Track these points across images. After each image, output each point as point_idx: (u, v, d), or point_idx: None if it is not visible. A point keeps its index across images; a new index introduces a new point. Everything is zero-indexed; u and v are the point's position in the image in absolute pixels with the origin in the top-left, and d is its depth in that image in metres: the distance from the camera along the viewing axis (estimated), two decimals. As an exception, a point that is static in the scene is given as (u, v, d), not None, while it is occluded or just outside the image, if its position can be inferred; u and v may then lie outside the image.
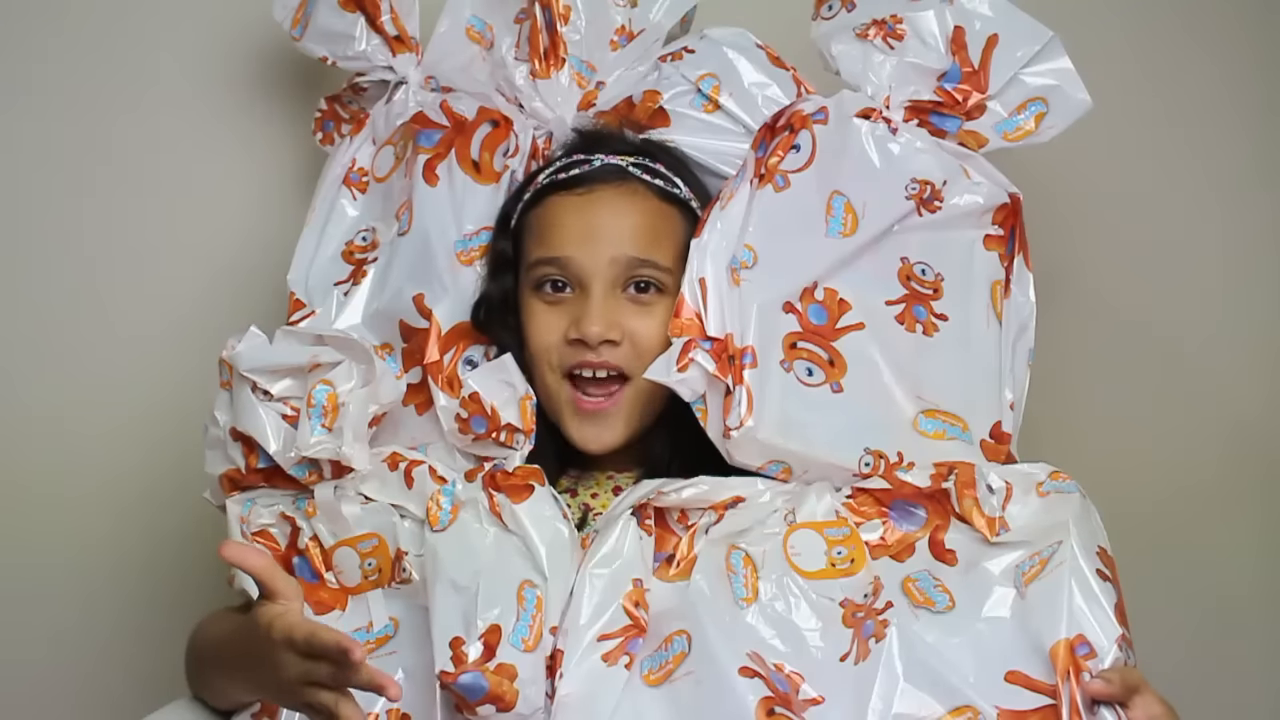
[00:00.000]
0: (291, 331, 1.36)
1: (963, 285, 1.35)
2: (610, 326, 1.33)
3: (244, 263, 1.67)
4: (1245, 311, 1.74)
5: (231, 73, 1.69)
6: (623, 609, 1.24)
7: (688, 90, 1.45)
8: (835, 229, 1.33)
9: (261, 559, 1.15)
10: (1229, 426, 1.73)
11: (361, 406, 1.31)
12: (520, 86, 1.47)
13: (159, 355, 1.69)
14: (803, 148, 1.35)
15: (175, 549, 1.68)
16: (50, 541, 1.69)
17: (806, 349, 1.31)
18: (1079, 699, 1.13)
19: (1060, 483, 1.27)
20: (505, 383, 1.33)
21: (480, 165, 1.41)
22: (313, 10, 1.50)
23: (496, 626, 1.19)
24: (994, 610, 1.20)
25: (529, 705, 1.19)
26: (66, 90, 1.68)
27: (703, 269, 1.31)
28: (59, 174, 1.69)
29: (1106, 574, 1.20)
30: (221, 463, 1.36)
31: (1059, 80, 1.38)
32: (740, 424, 1.27)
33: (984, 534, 1.24)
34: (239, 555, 1.14)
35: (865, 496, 1.28)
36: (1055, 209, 1.65)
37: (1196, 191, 1.74)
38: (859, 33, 1.39)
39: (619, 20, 1.49)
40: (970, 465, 1.28)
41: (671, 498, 1.28)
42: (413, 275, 1.38)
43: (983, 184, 1.37)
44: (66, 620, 1.70)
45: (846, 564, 1.25)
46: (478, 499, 1.27)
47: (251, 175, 1.70)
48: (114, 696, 1.68)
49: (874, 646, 1.19)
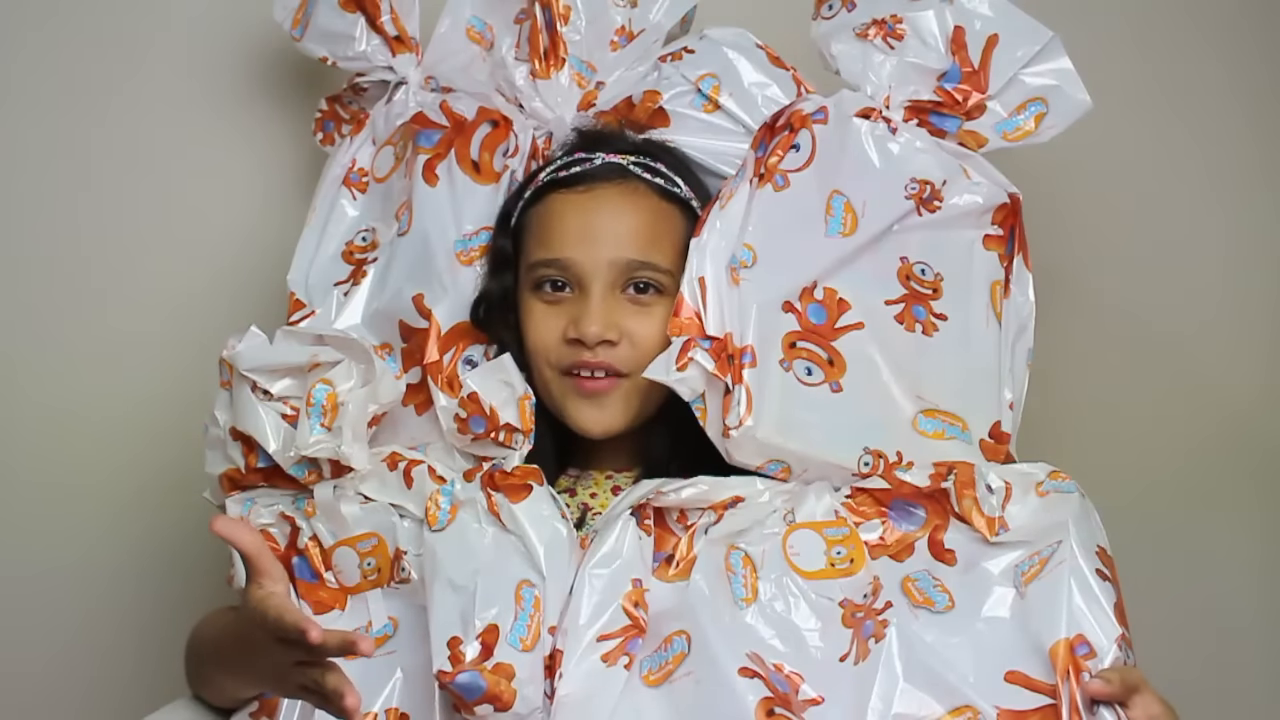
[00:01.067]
0: (291, 331, 1.36)
1: (962, 285, 1.35)
2: (609, 327, 1.33)
3: (244, 263, 1.68)
4: (1246, 312, 1.74)
5: (232, 73, 1.69)
6: (622, 609, 1.24)
7: (688, 90, 1.45)
8: (835, 228, 1.33)
9: (251, 536, 1.13)
10: (1229, 427, 1.73)
11: (361, 406, 1.31)
12: (520, 86, 1.47)
13: (159, 355, 1.69)
14: (802, 147, 1.35)
15: (175, 549, 1.68)
16: (49, 541, 1.69)
17: (806, 348, 1.31)
18: (1079, 699, 1.13)
19: (1059, 482, 1.27)
20: (504, 383, 1.33)
21: (480, 165, 1.41)
22: (313, 10, 1.50)
23: (494, 626, 1.20)
24: (993, 610, 1.20)
25: (527, 705, 1.19)
26: (66, 90, 1.68)
27: (702, 268, 1.31)
28: (59, 174, 1.69)
29: (1106, 573, 1.20)
30: (221, 462, 1.36)
31: (1059, 80, 1.38)
32: (739, 423, 1.26)
33: (983, 534, 1.24)
34: (229, 530, 1.12)
35: (864, 496, 1.28)
36: (1055, 209, 1.65)
37: (1197, 191, 1.74)
38: (859, 32, 1.39)
39: (619, 20, 1.49)
40: (969, 465, 1.28)
41: (671, 498, 1.28)
42: (412, 275, 1.38)
43: (982, 184, 1.37)
44: (66, 620, 1.70)
45: (846, 564, 1.24)
46: (476, 499, 1.27)
47: (252, 175, 1.70)
48: (114, 696, 1.68)
49: (873, 646, 1.19)
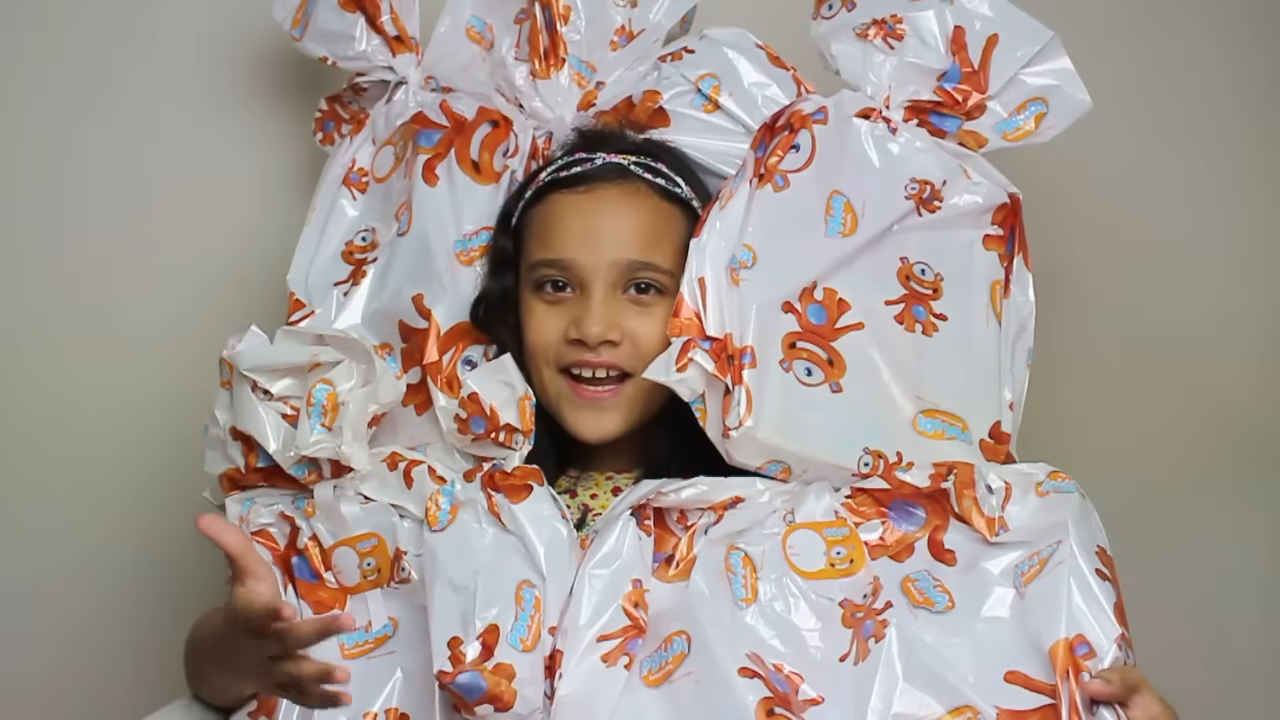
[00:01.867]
0: (292, 331, 1.36)
1: (962, 285, 1.35)
2: (610, 327, 1.33)
3: (244, 263, 1.67)
4: (1245, 312, 1.74)
5: (232, 72, 1.69)
6: (622, 609, 1.24)
7: (687, 90, 1.45)
8: (835, 229, 1.33)
9: (235, 536, 1.14)
10: (1229, 427, 1.73)
11: (361, 406, 1.31)
12: (520, 86, 1.47)
13: (159, 354, 1.69)
14: (802, 147, 1.35)
15: (174, 548, 1.68)
16: (49, 540, 1.69)
17: (806, 349, 1.30)
18: (1078, 699, 1.13)
19: (1059, 483, 1.27)
20: (504, 383, 1.33)
21: (480, 165, 1.41)
22: (313, 10, 1.50)
23: (495, 626, 1.19)
24: (993, 610, 1.20)
25: (527, 705, 1.19)
26: (67, 89, 1.68)
27: (702, 269, 1.31)
28: (60, 173, 1.69)
29: (1106, 573, 1.20)
30: (221, 462, 1.36)
31: (1059, 80, 1.38)
32: (739, 424, 1.26)
33: (983, 534, 1.24)
34: (214, 529, 1.13)
35: (864, 497, 1.28)
36: (1055, 209, 1.65)
37: (1196, 191, 1.74)
38: (859, 32, 1.39)
39: (619, 20, 1.49)
40: (969, 465, 1.28)
41: (670, 498, 1.27)
42: (412, 275, 1.38)
43: (982, 184, 1.37)
44: (66, 619, 1.70)
45: (845, 564, 1.24)
46: (476, 499, 1.27)
47: (252, 175, 1.70)
48: (114, 696, 1.68)
49: (873, 646, 1.19)
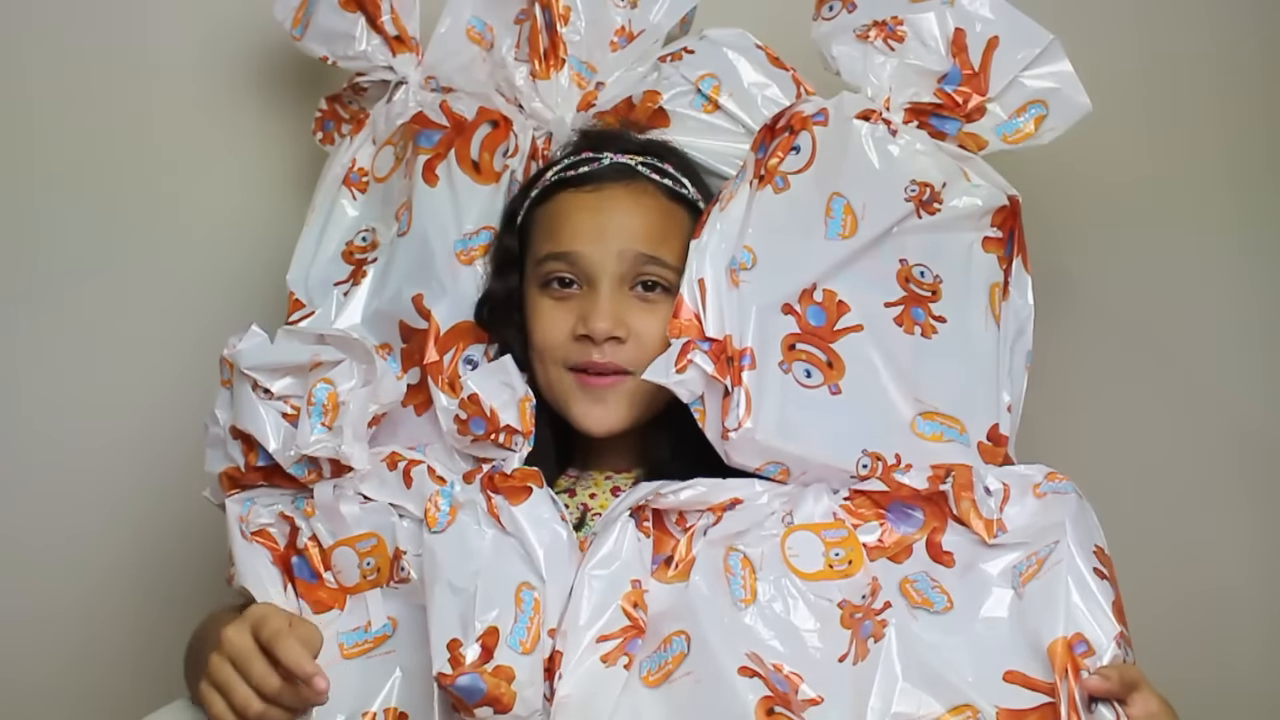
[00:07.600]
0: (293, 330, 1.36)
1: (961, 287, 1.35)
2: (617, 323, 1.33)
3: (244, 262, 1.67)
4: (1245, 313, 1.74)
5: (232, 72, 1.69)
6: (621, 610, 1.23)
7: (687, 91, 1.45)
8: (834, 230, 1.33)
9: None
10: (1229, 428, 1.73)
11: (362, 406, 1.31)
12: (520, 87, 1.47)
13: (159, 354, 1.69)
14: (802, 149, 1.35)
15: (175, 547, 1.68)
16: (48, 540, 1.69)
17: (805, 350, 1.31)
18: (1077, 696, 1.13)
19: (1057, 484, 1.27)
20: (505, 384, 1.32)
21: (480, 165, 1.41)
22: (313, 10, 1.50)
23: (494, 628, 1.19)
24: (992, 610, 1.21)
25: (527, 707, 1.19)
26: (66, 90, 1.68)
27: (701, 270, 1.31)
28: (58, 174, 1.69)
29: (1104, 572, 1.20)
30: (221, 461, 1.36)
31: (1059, 83, 1.38)
32: (739, 425, 1.26)
33: (981, 536, 1.24)
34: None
35: (863, 498, 1.28)
36: (1055, 211, 1.65)
37: (1196, 193, 1.74)
38: (859, 34, 1.39)
39: (619, 21, 1.49)
40: (968, 467, 1.28)
41: (669, 499, 1.27)
42: (412, 275, 1.38)
43: (982, 186, 1.37)
44: (65, 619, 1.70)
45: (844, 565, 1.25)
46: (476, 501, 1.27)
47: (251, 175, 1.70)
48: (114, 696, 1.68)
49: (872, 646, 1.19)
